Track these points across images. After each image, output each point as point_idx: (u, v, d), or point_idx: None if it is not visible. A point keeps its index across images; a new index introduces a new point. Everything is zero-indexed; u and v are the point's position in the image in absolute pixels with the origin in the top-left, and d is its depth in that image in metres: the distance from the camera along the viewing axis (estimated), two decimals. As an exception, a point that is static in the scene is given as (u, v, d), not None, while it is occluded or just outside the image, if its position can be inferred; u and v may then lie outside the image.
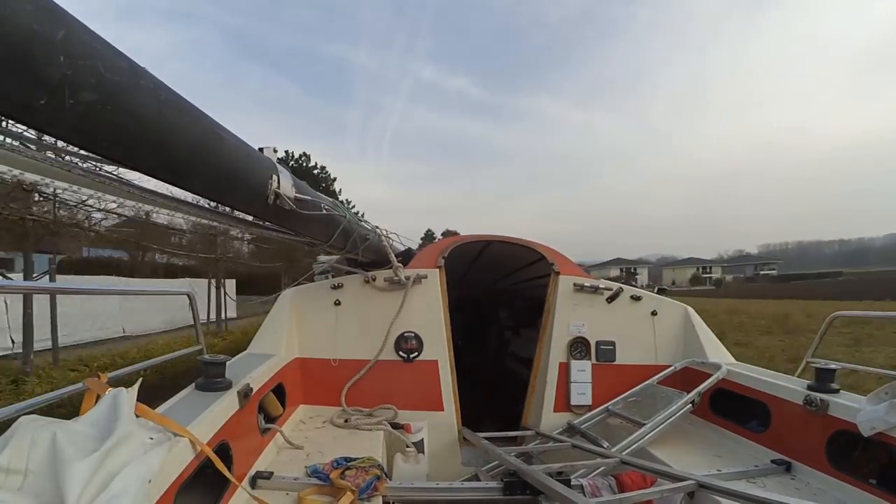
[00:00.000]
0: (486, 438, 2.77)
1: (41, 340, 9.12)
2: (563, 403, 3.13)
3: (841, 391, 2.26)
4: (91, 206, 9.49)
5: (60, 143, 1.15)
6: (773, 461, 2.30)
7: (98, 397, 1.32)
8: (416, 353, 3.09)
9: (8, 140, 1.23)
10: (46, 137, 1.23)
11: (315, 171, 37.18)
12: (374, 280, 3.17)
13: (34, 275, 8.74)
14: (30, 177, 1.30)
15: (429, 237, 61.67)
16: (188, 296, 2.52)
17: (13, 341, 10.64)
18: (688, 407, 2.75)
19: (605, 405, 3.03)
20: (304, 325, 3.11)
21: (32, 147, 1.29)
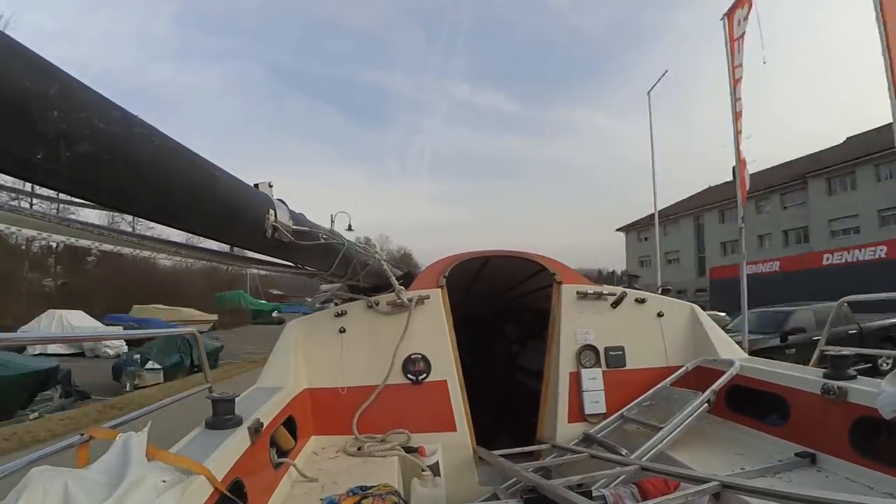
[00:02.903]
0: (502, 455, 2.72)
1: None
2: (577, 413, 3.09)
3: (858, 377, 2.24)
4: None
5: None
6: (796, 454, 2.25)
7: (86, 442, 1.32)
8: (424, 375, 3.07)
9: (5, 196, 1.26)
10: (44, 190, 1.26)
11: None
12: (376, 304, 3.18)
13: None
14: (27, 232, 1.33)
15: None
16: (195, 334, 2.53)
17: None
18: (704, 406, 2.71)
19: (620, 412, 2.98)
20: (310, 355, 3.10)
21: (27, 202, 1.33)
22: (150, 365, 12.63)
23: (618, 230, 55.40)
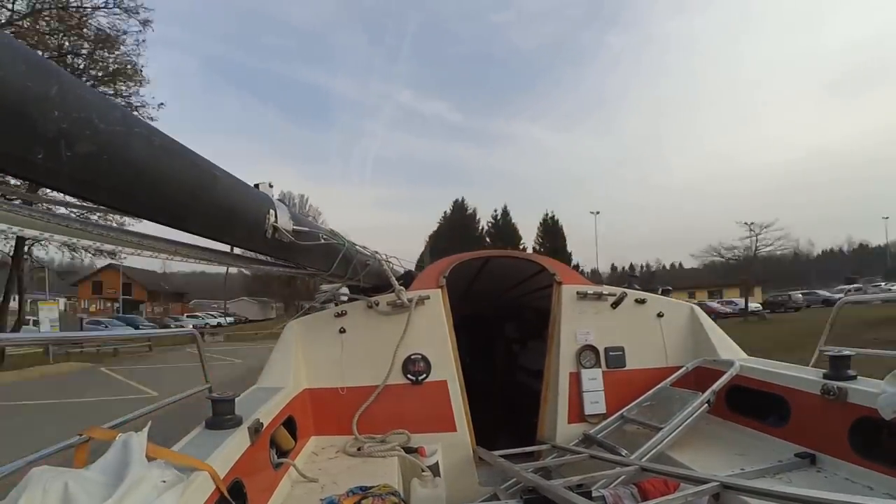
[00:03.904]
0: (502, 456, 2.72)
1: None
2: (577, 414, 3.09)
3: (858, 377, 2.24)
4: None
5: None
6: (796, 455, 2.25)
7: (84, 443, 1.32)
8: (424, 375, 3.07)
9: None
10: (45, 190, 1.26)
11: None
12: (377, 305, 3.18)
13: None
14: (29, 232, 1.33)
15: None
16: (195, 334, 2.54)
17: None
18: (704, 407, 2.70)
19: (620, 412, 2.98)
20: (310, 355, 3.10)
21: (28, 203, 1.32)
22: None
23: None
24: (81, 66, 19.93)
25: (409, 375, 3.06)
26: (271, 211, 1.83)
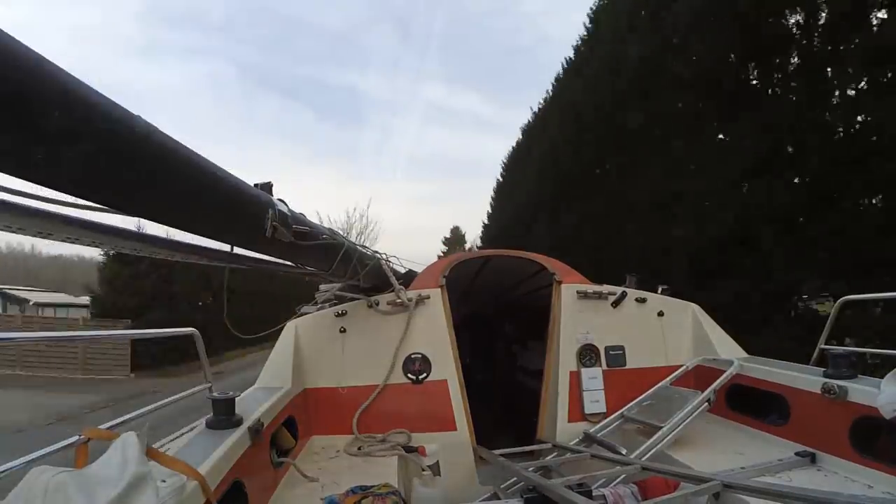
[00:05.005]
0: (502, 455, 2.73)
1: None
2: (577, 413, 3.09)
3: (859, 376, 2.24)
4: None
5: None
6: (796, 453, 2.25)
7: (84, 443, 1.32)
8: (424, 374, 3.07)
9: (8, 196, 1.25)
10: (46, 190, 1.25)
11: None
12: (377, 304, 3.18)
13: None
14: (29, 232, 1.32)
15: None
16: (194, 335, 2.53)
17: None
18: (704, 406, 2.71)
19: (620, 411, 2.99)
20: (310, 354, 3.10)
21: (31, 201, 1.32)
22: None
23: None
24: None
25: (409, 375, 3.06)
26: (271, 210, 1.82)
